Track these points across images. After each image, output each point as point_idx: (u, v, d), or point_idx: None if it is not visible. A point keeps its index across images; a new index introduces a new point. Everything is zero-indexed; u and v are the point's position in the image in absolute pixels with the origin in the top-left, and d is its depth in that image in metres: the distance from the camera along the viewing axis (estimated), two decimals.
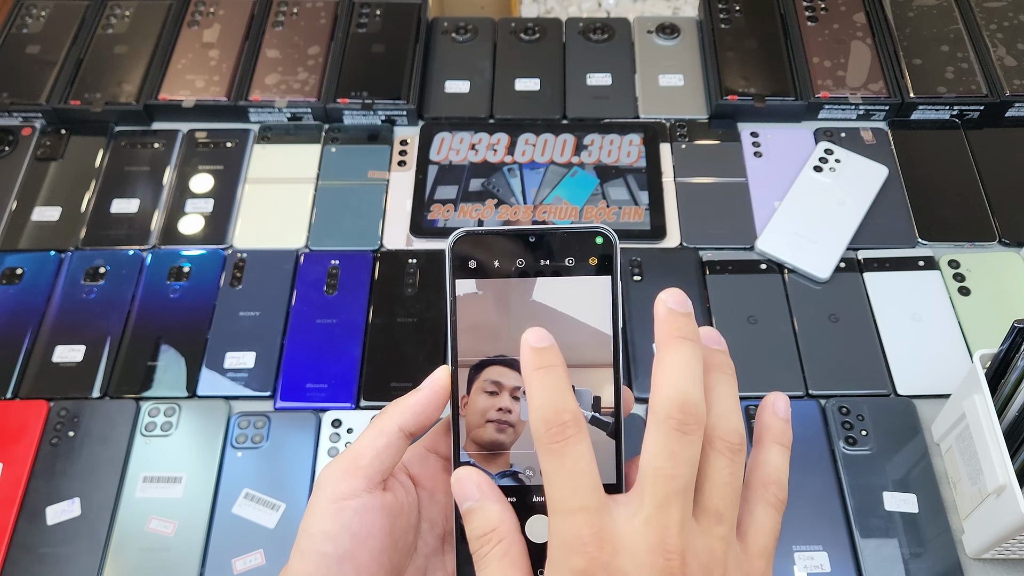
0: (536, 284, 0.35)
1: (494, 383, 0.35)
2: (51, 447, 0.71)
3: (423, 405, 0.35)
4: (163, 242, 0.84)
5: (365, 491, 0.34)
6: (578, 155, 0.89)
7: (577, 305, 0.35)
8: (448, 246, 0.35)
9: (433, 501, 0.37)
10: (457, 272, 0.35)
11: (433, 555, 0.37)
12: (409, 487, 0.36)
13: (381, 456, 0.34)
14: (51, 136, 0.91)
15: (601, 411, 0.34)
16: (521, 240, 0.35)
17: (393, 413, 0.35)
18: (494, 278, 0.35)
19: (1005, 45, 0.93)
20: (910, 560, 0.65)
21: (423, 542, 0.37)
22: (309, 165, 0.89)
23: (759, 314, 0.78)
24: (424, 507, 0.37)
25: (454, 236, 0.35)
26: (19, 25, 0.98)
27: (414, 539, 0.36)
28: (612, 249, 0.35)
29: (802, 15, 0.97)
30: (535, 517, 0.34)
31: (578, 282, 0.35)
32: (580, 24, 1.00)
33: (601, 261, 0.35)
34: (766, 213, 0.84)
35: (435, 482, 0.38)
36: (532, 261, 0.35)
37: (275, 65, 0.94)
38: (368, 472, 0.34)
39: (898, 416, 0.72)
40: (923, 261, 0.81)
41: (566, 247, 0.35)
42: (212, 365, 0.75)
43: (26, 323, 0.78)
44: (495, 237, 0.35)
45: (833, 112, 0.91)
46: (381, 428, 0.35)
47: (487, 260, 0.35)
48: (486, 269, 0.35)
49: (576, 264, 0.35)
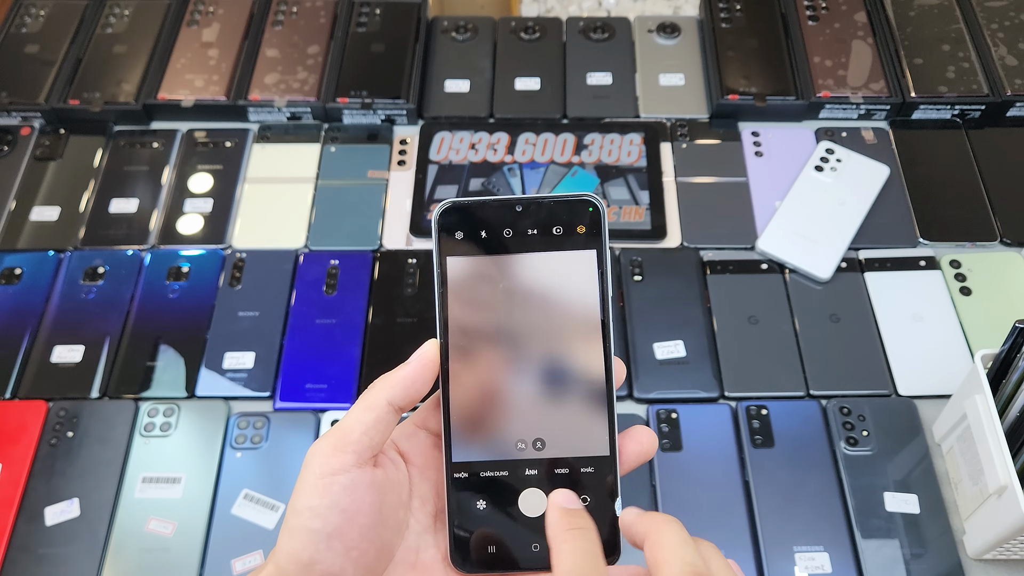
0: (524, 255, 0.35)
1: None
2: (50, 447, 0.71)
3: (412, 379, 0.34)
4: (162, 242, 0.83)
5: (355, 466, 0.33)
6: (578, 155, 0.89)
7: (567, 274, 0.35)
8: (434, 217, 0.35)
9: (424, 478, 0.37)
10: (445, 244, 0.35)
11: (425, 532, 0.36)
12: (399, 464, 0.36)
13: (370, 432, 0.34)
14: (50, 136, 0.91)
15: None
16: (508, 209, 0.35)
17: (381, 387, 0.34)
18: (482, 248, 0.35)
19: (1006, 44, 0.92)
20: (911, 561, 0.65)
21: (414, 519, 0.36)
22: (308, 165, 0.89)
23: (760, 314, 0.78)
24: (415, 484, 0.36)
25: (440, 207, 0.35)
26: (18, 24, 0.98)
27: (405, 516, 0.36)
28: (600, 216, 0.35)
29: (803, 14, 0.97)
30: (529, 490, 0.34)
31: (567, 253, 0.35)
32: (580, 23, 1.00)
33: (590, 229, 0.35)
34: (767, 213, 0.84)
35: (425, 459, 0.37)
36: (520, 231, 0.35)
37: (274, 64, 0.94)
38: (357, 448, 0.33)
39: (899, 416, 0.72)
40: (924, 261, 0.81)
41: (554, 216, 0.35)
42: (211, 365, 0.75)
43: (25, 323, 0.78)
44: (482, 207, 0.35)
45: (834, 112, 0.91)
46: (370, 403, 0.34)
47: (475, 231, 0.35)
48: (474, 240, 0.35)
49: (564, 233, 0.35)
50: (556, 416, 0.35)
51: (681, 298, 0.79)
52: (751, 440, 0.70)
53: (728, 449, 0.70)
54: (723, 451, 0.70)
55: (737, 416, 0.72)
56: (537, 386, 0.35)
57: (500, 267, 0.35)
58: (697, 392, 0.74)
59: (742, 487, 0.69)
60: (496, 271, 0.35)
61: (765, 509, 0.67)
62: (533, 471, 0.35)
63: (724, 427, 0.71)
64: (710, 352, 0.75)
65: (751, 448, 0.70)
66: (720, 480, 0.69)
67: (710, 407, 0.73)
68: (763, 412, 0.72)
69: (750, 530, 0.67)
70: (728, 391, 0.74)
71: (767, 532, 0.66)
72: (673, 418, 0.72)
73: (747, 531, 0.66)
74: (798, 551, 0.65)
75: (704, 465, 0.69)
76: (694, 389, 0.74)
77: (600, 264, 0.35)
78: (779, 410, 0.72)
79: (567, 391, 0.35)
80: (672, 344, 0.76)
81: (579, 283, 0.35)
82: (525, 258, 0.35)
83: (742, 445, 0.70)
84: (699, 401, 0.73)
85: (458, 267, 0.35)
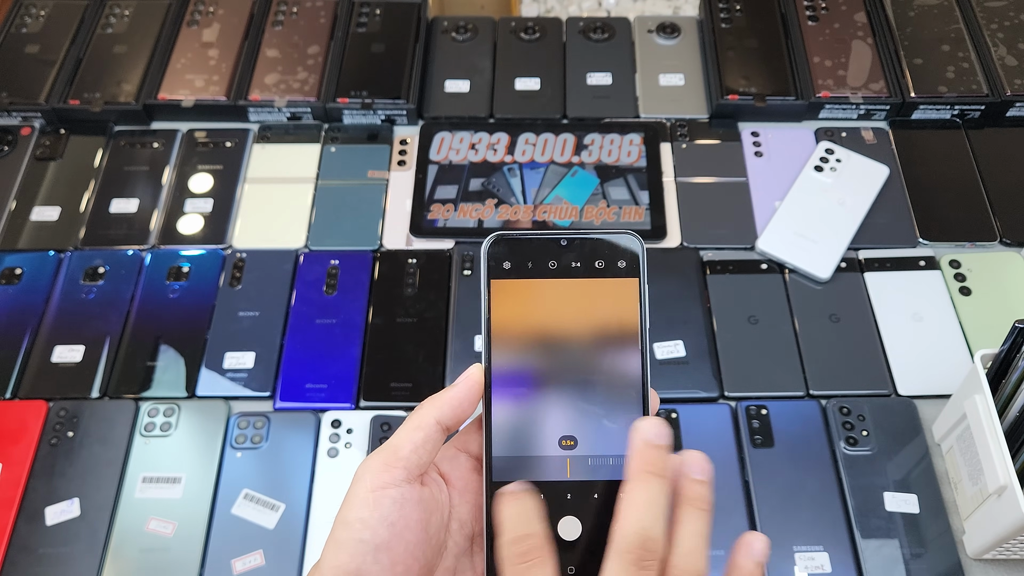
0: (566, 285, 0.37)
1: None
2: (50, 447, 0.71)
3: (459, 400, 0.36)
4: (162, 242, 0.83)
5: (404, 482, 0.34)
6: (578, 155, 0.89)
7: (606, 307, 0.37)
8: (484, 248, 0.37)
9: (463, 500, 0.37)
10: (492, 273, 0.37)
11: (463, 555, 0.37)
12: (442, 484, 0.37)
13: (419, 450, 0.35)
14: (50, 136, 0.91)
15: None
16: (553, 243, 0.37)
17: (430, 408, 0.35)
18: (527, 279, 0.37)
19: (1006, 45, 0.92)
20: (911, 560, 0.65)
21: (452, 541, 0.36)
22: (309, 165, 0.89)
23: (760, 314, 0.78)
24: (454, 506, 0.37)
25: (490, 239, 0.37)
26: (18, 25, 0.98)
27: (445, 538, 0.36)
28: (639, 252, 0.37)
29: (803, 14, 0.97)
30: (568, 518, 0.35)
31: (608, 283, 0.37)
32: (580, 23, 1.00)
33: (630, 264, 0.37)
34: (767, 213, 0.84)
35: (465, 481, 0.38)
36: (563, 263, 0.37)
37: (275, 64, 0.94)
38: (407, 464, 0.34)
39: (899, 416, 0.72)
40: (924, 261, 0.81)
41: (596, 251, 0.37)
42: (211, 365, 0.75)
43: (25, 323, 0.78)
44: (528, 240, 0.37)
45: (834, 112, 0.91)
46: (418, 423, 0.35)
47: (521, 262, 0.37)
48: (519, 271, 0.37)
49: (606, 267, 0.37)
50: (593, 439, 0.36)
51: (681, 298, 0.79)
52: (751, 440, 0.71)
53: (728, 449, 0.70)
54: (723, 451, 0.70)
55: (737, 416, 0.72)
56: (576, 410, 0.36)
57: (543, 296, 0.37)
58: (697, 392, 0.74)
59: (742, 487, 0.69)
60: (539, 299, 0.37)
61: (765, 509, 0.67)
62: (569, 494, 0.35)
63: (724, 427, 0.71)
64: (710, 352, 0.75)
65: (751, 448, 0.70)
66: (720, 480, 0.69)
67: (710, 407, 0.73)
68: (763, 412, 0.72)
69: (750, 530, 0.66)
70: (728, 391, 0.74)
71: (767, 532, 0.66)
72: (673, 418, 0.72)
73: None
74: (798, 551, 0.66)
75: None
76: (694, 389, 0.74)
77: (640, 295, 0.37)
78: (779, 410, 0.72)
79: (604, 415, 0.36)
80: (672, 344, 0.76)
81: (620, 310, 0.37)
82: (566, 286, 0.37)
83: (742, 445, 0.70)
84: (699, 401, 0.73)
85: (502, 294, 0.37)
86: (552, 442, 0.36)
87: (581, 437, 0.36)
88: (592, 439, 0.36)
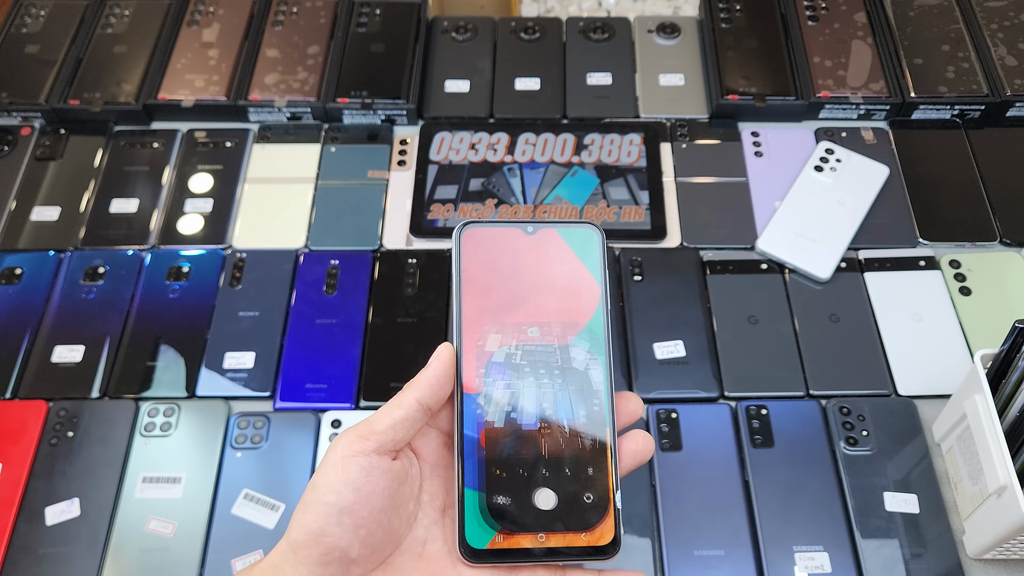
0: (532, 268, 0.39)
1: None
2: (50, 447, 0.71)
3: (436, 377, 0.37)
4: (162, 242, 0.83)
5: (374, 453, 0.35)
6: (578, 155, 0.89)
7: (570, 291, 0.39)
8: (455, 235, 0.39)
9: (434, 475, 0.38)
10: (463, 258, 0.39)
11: (433, 526, 0.38)
12: (413, 459, 0.38)
13: (396, 426, 0.36)
14: (50, 136, 0.91)
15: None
16: (519, 231, 0.40)
17: (410, 389, 0.37)
18: (496, 265, 0.39)
19: (1006, 45, 0.92)
20: (911, 560, 0.65)
21: (423, 513, 0.38)
22: (309, 165, 0.89)
23: (760, 314, 0.78)
24: (425, 480, 0.38)
25: (460, 225, 0.40)
26: (18, 25, 0.98)
27: (415, 509, 0.37)
28: (598, 240, 0.40)
29: (803, 14, 0.97)
30: (543, 490, 0.37)
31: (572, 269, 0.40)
32: (580, 23, 1.00)
33: (591, 251, 0.40)
34: (767, 213, 0.84)
35: (437, 457, 0.39)
36: (529, 251, 0.40)
37: (275, 64, 0.94)
38: (381, 439, 0.35)
39: (899, 416, 0.72)
40: (924, 261, 0.81)
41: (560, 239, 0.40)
42: (211, 365, 0.75)
43: (25, 323, 0.78)
44: (497, 228, 0.40)
45: (834, 112, 0.91)
46: (399, 402, 0.36)
47: (490, 249, 0.40)
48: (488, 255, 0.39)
49: (570, 254, 0.39)
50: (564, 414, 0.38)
51: (681, 298, 0.79)
52: (751, 440, 0.71)
53: (728, 449, 0.70)
54: (723, 451, 0.70)
55: (737, 416, 0.72)
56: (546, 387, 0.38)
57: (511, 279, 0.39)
58: (697, 392, 0.74)
59: (742, 487, 0.69)
60: (507, 283, 0.39)
61: (765, 509, 0.67)
62: (547, 471, 0.37)
63: (724, 427, 0.71)
64: (710, 352, 0.75)
65: (751, 448, 0.70)
66: (720, 480, 0.69)
67: (710, 407, 0.73)
68: (763, 412, 0.72)
69: (750, 530, 0.67)
70: (728, 391, 0.74)
71: (767, 532, 0.66)
72: (673, 418, 0.72)
73: (747, 531, 0.66)
74: (798, 551, 0.65)
75: (704, 465, 0.70)
76: (694, 389, 0.74)
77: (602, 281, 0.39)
78: (779, 410, 0.72)
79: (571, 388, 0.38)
80: (672, 344, 0.76)
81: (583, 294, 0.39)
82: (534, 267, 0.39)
83: (742, 445, 0.70)
84: (699, 401, 0.73)
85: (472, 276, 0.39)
86: (523, 417, 0.37)
87: (552, 412, 0.38)
88: (563, 414, 0.38)
